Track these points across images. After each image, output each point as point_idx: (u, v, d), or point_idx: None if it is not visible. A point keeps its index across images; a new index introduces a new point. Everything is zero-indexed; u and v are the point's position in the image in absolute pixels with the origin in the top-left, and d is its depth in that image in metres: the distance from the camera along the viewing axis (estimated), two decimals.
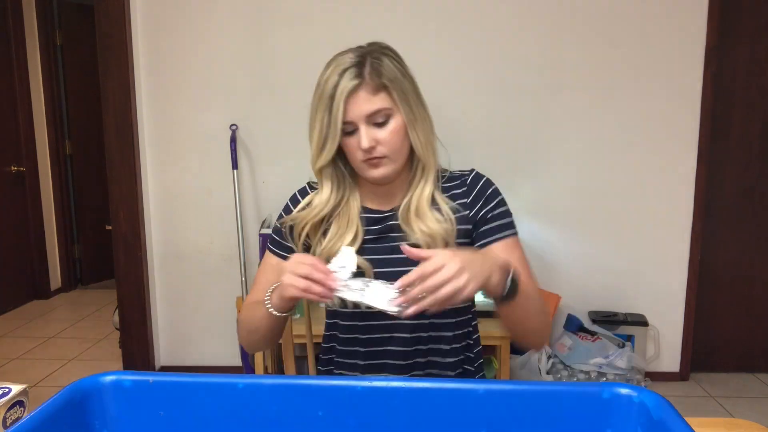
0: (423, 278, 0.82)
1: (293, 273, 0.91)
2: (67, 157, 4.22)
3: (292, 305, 1.00)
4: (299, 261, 0.92)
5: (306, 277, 0.89)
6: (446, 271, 0.81)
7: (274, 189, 2.64)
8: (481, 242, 1.10)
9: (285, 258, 1.11)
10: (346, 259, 0.93)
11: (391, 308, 0.85)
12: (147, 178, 2.66)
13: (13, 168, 3.79)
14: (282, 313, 1.00)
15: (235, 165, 2.56)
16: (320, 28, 2.52)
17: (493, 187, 1.14)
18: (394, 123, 1.04)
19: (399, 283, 0.85)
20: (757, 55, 2.58)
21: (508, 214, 1.13)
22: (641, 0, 2.47)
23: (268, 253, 1.17)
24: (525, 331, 1.04)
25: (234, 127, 2.59)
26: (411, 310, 0.84)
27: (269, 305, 1.00)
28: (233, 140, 2.56)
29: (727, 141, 2.64)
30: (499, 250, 1.08)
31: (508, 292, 0.91)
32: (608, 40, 2.50)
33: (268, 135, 2.61)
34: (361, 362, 1.14)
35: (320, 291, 0.89)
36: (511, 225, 1.12)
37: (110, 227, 2.67)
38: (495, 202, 1.12)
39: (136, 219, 2.62)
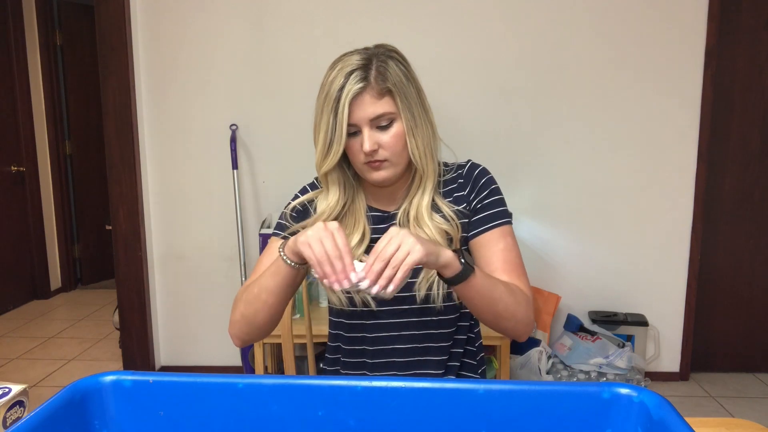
0: (379, 254, 0.85)
1: (317, 239, 0.87)
2: (67, 157, 4.22)
3: (303, 263, 0.96)
4: (330, 231, 0.87)
5: (326, 253, 0.86)
6: (394, 239, 0.86)
7: (274, 189, 2.64)
8: (474, 231, 1.10)
9: None
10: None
11: (371, 291, 0.86)
12: (147, 178, 2.66)
13: (13, 168, 3.79)
14: (293, 263, 0.95)
15: (235, 165, 2.56)
16: (320, 27, 2.52)
17: (488, 176, 1.13)
18: (397, 127, 1.04)
19: (365, 267, 0.86)
20: (756, 55, 2.58)
21: (501, 203, 1.12)
22: (641, 0, 2.47)
23: (275, 240, 1.13)
24: (495, 317, 0.99)
25: (234, 127, 2.59)
26: (378, 286, 0.85)
27: (283, 255, 0.96)
28: (233, 140, 2.56)
29: (727, 141, 2.64)
30: (489, 238, 1.08)
31: (463, 268, 0.91)
32: (608, 40, 2.50)
33: (268, 135, 2.61)
34: (369, 361, 1.14)
35: (329, 281, 0.86)
36: (502, 214, 1.10)
37: (110, 227, 2.67)
38: (488, 191, 1.11)
39: (136, 219, 2.63)
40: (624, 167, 2.58)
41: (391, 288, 0.85)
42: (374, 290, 0.85)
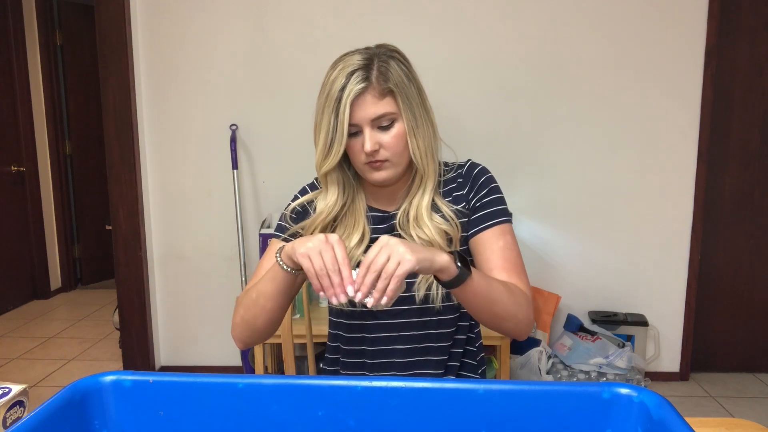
0: (369, 266, 0.84)
1: (317, 251, 0.86)
2: (67, 157, 4.22)
3: (300, 269, 0.94)
4: (331, 244, 0.86)
5: (324, 267, 0.85)
6: (384, 250, 0.84)
7: (274, 189, 2.64)
8: (473, 230, 1.10)
9: None
10: None
11: (367, 304, 0.85)
12: (147, 178, 2.66)
13: (13, 168, 3.79)
14: (290, 269, 0.95)
15: (235, 165, 2.56)
16: (321, 27, 2.52)
17: (487, 175, 1.13)
18: (398, 127, 1.04)
19: (357, 281, 0.85)
20: (756, 55, 2.58)
21: (500, 201, 1.11)
22: (641, 0, 2.47)
23: (275, 242, 1.12)
24: (495, 318, 0.98)
25: (234, 127, 2.59)
26: (373, 299, 0.84)
27: (279, 260, 0.95)
28: (233, 140, 2.56)
29: (727, 141, 2.64)
30: (488, 236, 1.08)
31: (460, 272, 0.89)
32: (608, 40, 2.50)
33: (268, 135, 2.61)
34: (369, 361, 1.14)
35: (327, 294, 0.85)
36: (502, 212, 1.10)
37: (110, 227, 2.67)
38: (487, 189, 1.11)
39: (136, 219, 2.62)
40: (624, 167, 2.58)
41: (385, 300, 0.84)
42: (369, 303, 0.85)
